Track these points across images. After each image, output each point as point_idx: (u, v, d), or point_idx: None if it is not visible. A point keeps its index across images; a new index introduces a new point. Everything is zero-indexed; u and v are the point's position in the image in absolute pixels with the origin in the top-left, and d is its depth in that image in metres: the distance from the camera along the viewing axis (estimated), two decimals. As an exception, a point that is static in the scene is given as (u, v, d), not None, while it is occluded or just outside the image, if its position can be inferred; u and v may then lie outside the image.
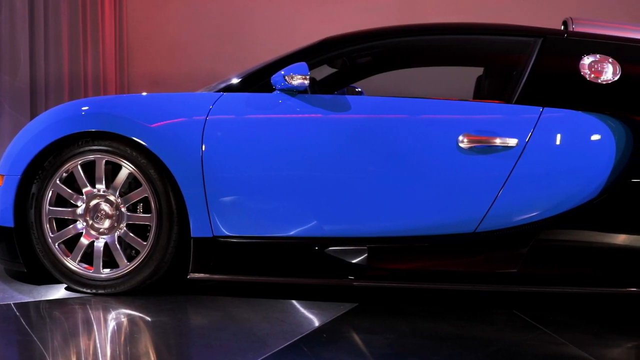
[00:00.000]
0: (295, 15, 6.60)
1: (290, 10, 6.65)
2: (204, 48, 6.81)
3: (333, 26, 4.83)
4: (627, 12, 5.91)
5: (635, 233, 3.05)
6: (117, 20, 7.00)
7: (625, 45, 3.24)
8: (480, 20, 3.94)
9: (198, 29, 6.86)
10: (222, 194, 3.15)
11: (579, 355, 2.61)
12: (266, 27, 6.66)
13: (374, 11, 6.37)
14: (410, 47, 3.83)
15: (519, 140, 3.05)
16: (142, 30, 7.03)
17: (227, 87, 3.37)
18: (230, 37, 6.74)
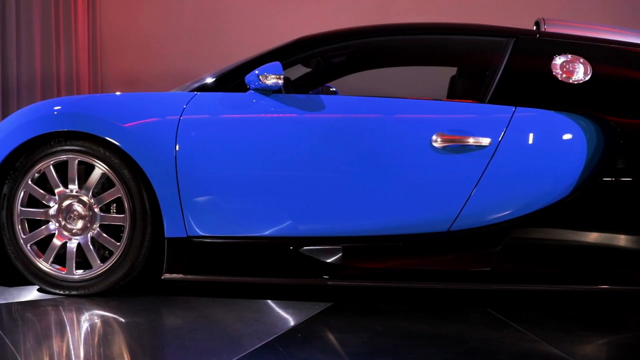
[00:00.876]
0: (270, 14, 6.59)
1: (265, 9, 6.64)
2: (178, 47, 6.78)
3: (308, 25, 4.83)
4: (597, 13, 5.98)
5: (606, 231, 3.09)
6: (90, 18, 6.95)
7: (596, 46, 3.28)
8: (453, 21, 3.96)
9: (172, 27, 6.83)
10: (196, 194, 3.14)
11: (552, 352, 2.63)
12: (241, 26, 6.65)
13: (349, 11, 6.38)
14: (384, 47, 3.84)
15: (492, 140, 3.07)
16: (115, 29, 6.99)
17: (201, 86, 3.36)
18: (205, 36, 6.72)
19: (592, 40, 3.30)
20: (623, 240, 3.08)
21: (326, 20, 6.03)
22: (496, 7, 6.07)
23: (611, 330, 2.97)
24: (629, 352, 2.73)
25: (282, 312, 3.10)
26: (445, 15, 5.97)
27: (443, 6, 6.22)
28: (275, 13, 6.58)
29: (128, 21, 6.93)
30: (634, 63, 3.26)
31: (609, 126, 3.07)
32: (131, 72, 6.88)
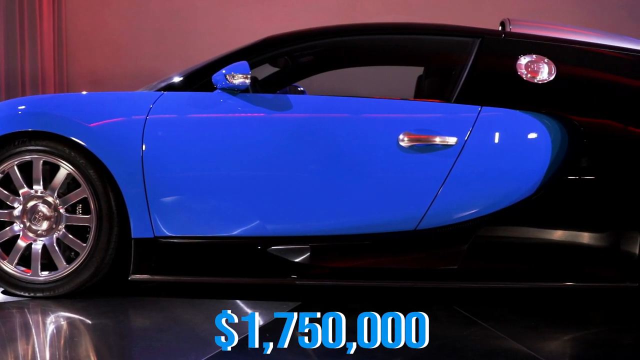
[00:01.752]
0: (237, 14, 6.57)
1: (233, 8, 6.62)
2: (145, 46, 6.73)
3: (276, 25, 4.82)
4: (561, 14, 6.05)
5: (571, 229, 3.13)
6: (55, 16, 6.86)
7: (560, 46, 3.32)
8: (420, 21, 3.99)
9: (139, 26, 6.77)
10: (163, 194, 3.13)
11: (517, 349, 2.66)
12: (208, 26, 6.62)
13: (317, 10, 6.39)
14: (351, 46, 3.86)
15: (458, 139, 3.10)
16: (81, 27, 6.91)
17: (167, 86, 3.34)
18: (172, 35, 6.68)
19: (556, 41, 3.34)
20: (587, 237, 3.12)
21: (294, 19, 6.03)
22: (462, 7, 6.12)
23: (576, 326, 3.02)
24: (593, 348, 2.77)
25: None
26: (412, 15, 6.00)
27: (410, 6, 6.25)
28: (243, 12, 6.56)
29: (95, 19, 6.86)
30: (597, 63, 3.31)
31: (573, 125, 3.11)
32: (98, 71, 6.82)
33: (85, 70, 6.88)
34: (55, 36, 6.86)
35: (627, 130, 3.12)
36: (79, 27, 6.92)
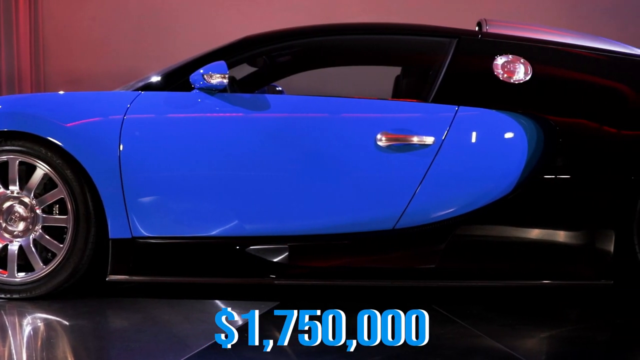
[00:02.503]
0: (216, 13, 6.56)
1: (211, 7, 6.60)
2: (123, 45, 6.69)
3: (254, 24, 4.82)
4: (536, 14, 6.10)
5: (547, 227, 3.16)
6: (32, 15, 6.80)
7: (536, 46, 3.35)
8: (398, 21, 4.00)
9: (116, 25, 6.73)
10: (141, 194, 3.11)
11: (495, 347, 2.68)
12: (186, 25, 6.59)
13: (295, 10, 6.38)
14: (329, 46, 3.86)
15: (436, 139, 3.11)
16: (58, 26, 6.86)
17: (145, 85, 3.33)
18: (150, 34, 6.65)
19: (532, 41, 3.37)
20: (563, 236, 3.15)
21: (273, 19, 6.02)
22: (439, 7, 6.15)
23: (552, 324, 3.04)
24: (569, 345, 2.79)
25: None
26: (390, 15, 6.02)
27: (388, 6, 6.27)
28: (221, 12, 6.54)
29: (72, 18, 6.81)
30: (572, 63, 3.34)
31: (549, 125, 3.14)
32: (75, 70, 6.77)
33: (62, 70, 6.83)
34: (32, 35, 6.80)
35: (602, 129, 3.15)
36: (55, 25, 6.87)
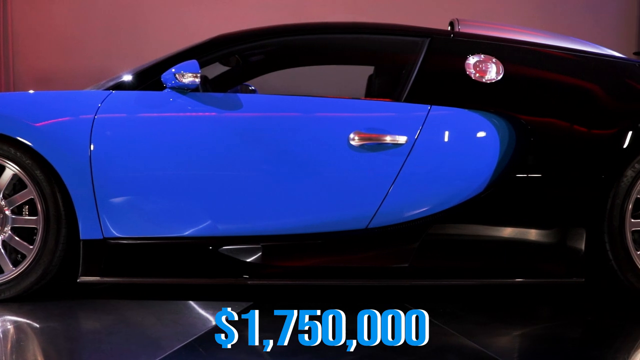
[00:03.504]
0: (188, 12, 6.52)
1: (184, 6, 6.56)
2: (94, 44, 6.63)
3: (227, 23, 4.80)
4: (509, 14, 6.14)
5: (519, 226, 3.18)
6: (0, 13, 6.72)
7: (508, 46, 3.37)
8: (371, 20, 4.01)
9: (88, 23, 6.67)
10: (112, 194, 3.09)
11: (468, 345, 2.69)
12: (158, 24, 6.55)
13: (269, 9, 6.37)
14: (302, 45, 3.86)
15: (408, 138, 3.12)
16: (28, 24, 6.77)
17: (116, 84, 3.30)
18: (122, 33, 6.59)
19: (504, 41, 3.39)
20: (535, 234, 3.18)
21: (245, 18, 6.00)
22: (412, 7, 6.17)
23: (525, 321, 3.06)
24: (541, 343, 2.81)
25: (202, 313, 3.08)
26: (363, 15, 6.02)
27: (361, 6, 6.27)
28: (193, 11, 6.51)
29: (42, 17, 6.73)
30: (543, 63, 3.37)
31: (521, 124, 3.16)
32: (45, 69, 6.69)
33: (32, 69, 6.75)
34: (1, 34, 6.71)
35: (573, 128, 3.18)
36: (25, 24, 6.78)
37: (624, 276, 3.17)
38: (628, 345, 2.82)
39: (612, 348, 2.78)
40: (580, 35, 4.03)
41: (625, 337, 2.90)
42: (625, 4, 6.37)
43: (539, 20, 6.06)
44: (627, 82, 3.34)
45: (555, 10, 6.22)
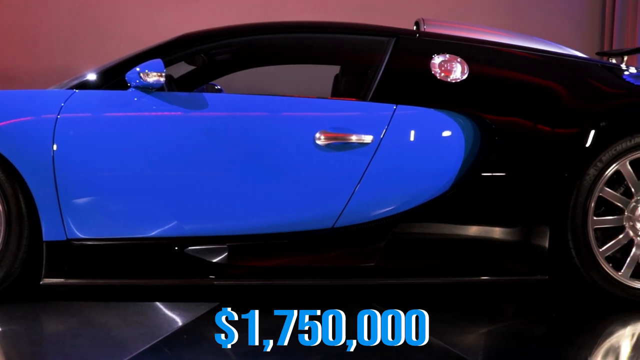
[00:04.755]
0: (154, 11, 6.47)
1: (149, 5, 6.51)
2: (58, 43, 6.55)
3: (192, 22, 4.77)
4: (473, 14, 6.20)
5: (484, 224, 3.21)
6: (-39, 12, 6.61)
7: (472, 46, 3.39)
8: (337, 20, 4.01)
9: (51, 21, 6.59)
10: (76, 195, 3.05)
11: (434, 343, 2.71)
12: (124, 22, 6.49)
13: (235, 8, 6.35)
14: (268, 45, 3.85)
15: (374, 137, 3.13)
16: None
17: (80, 84, 3.26)
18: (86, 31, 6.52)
19: (469, 41, 3.41)
20: (500, 233, 3.20)
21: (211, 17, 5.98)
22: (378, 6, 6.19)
23: (490, 319, 3.09)
24: (506, 340, 2.84)
25: (167, 314, 3.05)
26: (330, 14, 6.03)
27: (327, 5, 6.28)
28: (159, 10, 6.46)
29: (3, 15, 6.63)
30: (508, 63, 3.39)
31: (485, 124, 3.18)
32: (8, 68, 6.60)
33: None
34: (-38, 32, 6.60)
35: (536, 128, 3.21)
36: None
37: (586, 273, 3.21)
38: (591, 341, 2.86)
39: (575, 345, 2.81)
40: (544, 36, 4.07)
41: (589, 333, 2.94)
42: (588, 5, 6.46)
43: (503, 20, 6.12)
44: (589, 82, 3.38)
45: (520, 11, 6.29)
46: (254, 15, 5.88)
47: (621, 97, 3.33)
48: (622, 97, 3.34)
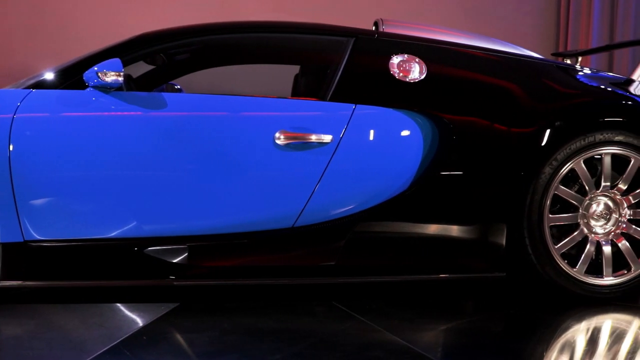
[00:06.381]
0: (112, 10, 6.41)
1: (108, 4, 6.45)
2: (14, 41, 6.45)
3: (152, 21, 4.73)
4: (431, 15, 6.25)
5: (443, 222, 3.24)
6: None
7: (430, 46, 3.42)
8: (297, 20, 4.02)
9: (7, 19, 6.49)
10: (33, 196, 3.01)
11: (394, 341, 2.73)
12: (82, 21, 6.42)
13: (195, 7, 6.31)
14: (228, 44, 3.84)
15: (334, 137, 3.14)
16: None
17: (37, 83, 3.22)
18: (44, 29, 6.43)
19: (427, 41, 3.44)
20: (458, 230, 3.24)
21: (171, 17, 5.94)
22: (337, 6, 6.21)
23: (449, 316, 3.12)
24: (465, 337, 2.88)
25: (127, 315, 3.03)
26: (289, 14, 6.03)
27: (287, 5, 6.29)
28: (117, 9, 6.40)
29: (-43, 13, 6.51)
30: (465, 63, 3.43)
31: (443, 123, 3.22)
32: (-38, 67, 6.48)
33: (-51, 67, 6.53)
34: None
35: (493, 127, 3.25)
36: (-60, 21, 6.55)
37: (542, 270, 3.26)
38: (548, 336, 2.91)
39: (533, 340, 2.86)
40: (500, 37, 4.12)
41: (545, 328, 2.99)
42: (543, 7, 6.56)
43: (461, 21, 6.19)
44: (545, 82, 3.44)
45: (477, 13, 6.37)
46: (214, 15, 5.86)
47: (575, 97, 3.39)
48: (576, 97, 3.40)
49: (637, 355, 2.67)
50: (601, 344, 2.81)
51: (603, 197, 3.32)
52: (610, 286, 3.30)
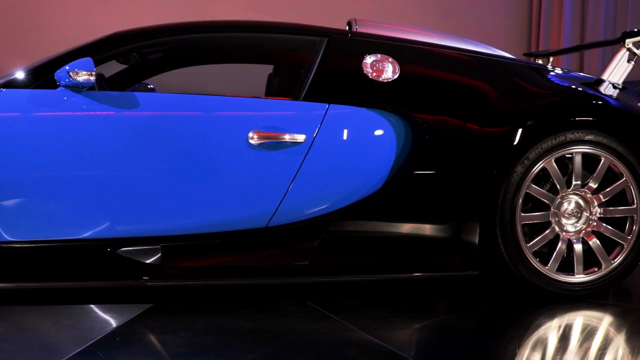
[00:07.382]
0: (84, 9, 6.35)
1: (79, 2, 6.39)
2: (-16, 41, 6.38)
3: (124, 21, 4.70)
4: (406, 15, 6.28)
5: (417, 221, 3.25)
6: None
7: (404, 46, 3.43)
8: (270, 19, 4.02)
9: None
10: (3, 197, 2.98)
11: (368, 340, 2.74)
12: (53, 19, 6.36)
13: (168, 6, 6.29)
14: (201, 44, 3.83)
15: (307, 136, 3.14)
16: None
17: (7, 82, 3.18)
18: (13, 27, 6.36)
19: (400, 41, 3.45)
20: (432, 229, 3.26)
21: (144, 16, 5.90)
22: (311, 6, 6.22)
23: (423, 315, 3.14)
24: (439, 335, 2.89)
25: (100, 316, 3.01)
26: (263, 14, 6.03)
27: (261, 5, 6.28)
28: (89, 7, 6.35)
29: None
30: (438, 63, 3.45)
31: (416, 122, 3.23)
32: None
33: None
34: None
35: (466, 126, 3.27)
36: None
37: (515, 268, 3.28)
38: (520, 333, 2.93)
39: (505, 337, 2.89)
40: (473, 37, 4.15)
41: (518, 326, 3.02)
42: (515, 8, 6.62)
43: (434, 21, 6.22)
44: (517, 82, 3.47)
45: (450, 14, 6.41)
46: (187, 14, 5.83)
47: (547, 97, 3.43)
48: (548, 96, 3.43)
49: (608, 351, 2.70)
50: (572, 341, 2.84)
51: (574, 196, 3.36)
52: (581, 284, 3.33)
